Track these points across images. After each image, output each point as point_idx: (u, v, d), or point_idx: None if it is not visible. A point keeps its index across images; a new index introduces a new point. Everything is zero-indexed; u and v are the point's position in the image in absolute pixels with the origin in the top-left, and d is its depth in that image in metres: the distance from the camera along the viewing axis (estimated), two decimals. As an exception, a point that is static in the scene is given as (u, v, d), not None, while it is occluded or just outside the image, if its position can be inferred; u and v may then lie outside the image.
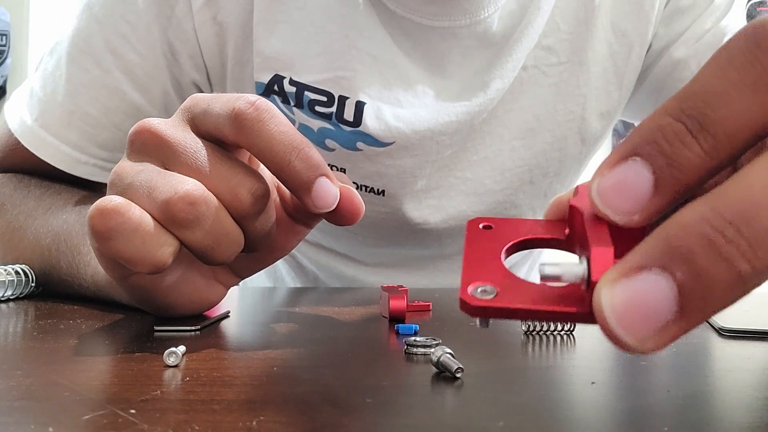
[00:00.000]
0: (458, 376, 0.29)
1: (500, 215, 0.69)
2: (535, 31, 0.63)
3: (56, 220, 0.54)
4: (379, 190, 0.64)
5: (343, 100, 0.60)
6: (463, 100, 0.63)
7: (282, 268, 0.82)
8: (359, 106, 0.60)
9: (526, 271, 0.84)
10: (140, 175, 0.35)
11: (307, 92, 0.61)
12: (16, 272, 0.51)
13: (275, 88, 0.61)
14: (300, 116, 0.62)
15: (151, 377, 0.29)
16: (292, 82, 0.61)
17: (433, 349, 0.30)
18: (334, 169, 0.63)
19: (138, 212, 0.34)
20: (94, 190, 0.64)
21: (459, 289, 0.21)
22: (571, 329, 0.39)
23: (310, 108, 0.61)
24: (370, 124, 0.61)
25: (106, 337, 0.38)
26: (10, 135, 0.63)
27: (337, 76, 0.60)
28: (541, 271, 0.21)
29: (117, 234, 0.34)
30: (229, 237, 0.36)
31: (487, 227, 0.24)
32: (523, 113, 0.66)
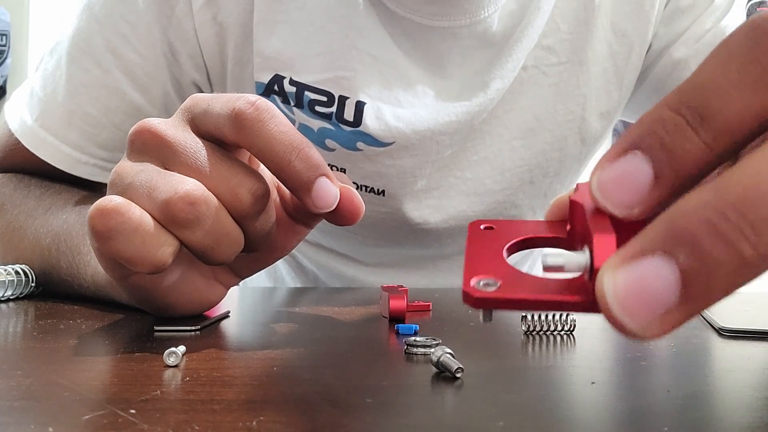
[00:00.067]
0: (458, 376, 0.29)
1: (500, 215, 0.69)
2: (535, 31, 0.63)
3: (56, 220, 0.54)
4: (379, 190, 0.64)
5: (343, 100, 0.60)
6: (463, 100, 0.63)
7: (282, 268, 0.82)
8: (359, 106, 0.60)
9: (526, 271, 0.84)
10: (140, 175, 0.35)
11: (307, 92, 0.61)
12: (16, 272, 0.51)
13: (275, 88, 0.61)
14: (300, 116, 0.62)
15: (151, 377, 0.29)
16: (292, 82, 0.61)
17: (433, 349, 0.30)
18: (334, 169, 0.63)
19: (138, 212, 0.34)
20: (94, 190, 0.64)
21: (461, 286, 0.21)
22: (571, 329, 0.39)
23: (310, 108, 0.61)
24: (370, 124, 0.61)
25: (106, 337, 0.38)
26: (11, 135, 0.63)
27: (337, 76, 0.60)
28: (543, 261, 0.21)
29: (117, 234, 0.34)
30: (229, 237, 0.36)
31: (488, 228, 0.24)
32: (523, 113, 0.66)
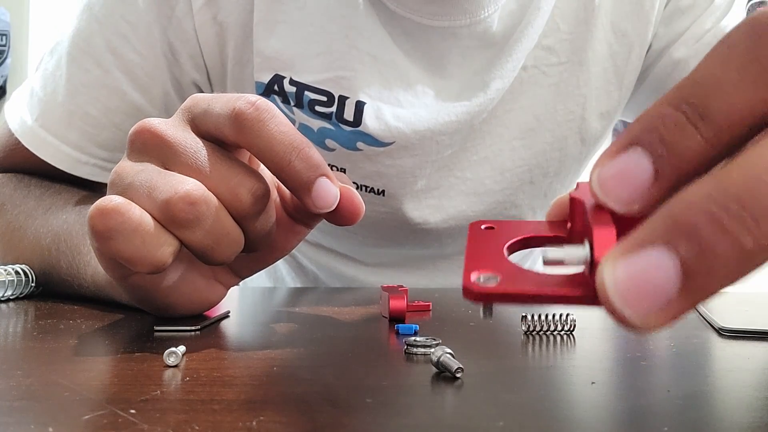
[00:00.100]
0: (458, 376, 0.29)
1: (500, 215, 0.69)
2: (535, 31, 0.63)
3: (56, 220, 0.54)
4: (379, 190, 0.64)
5: (343, 99, 0.60)
6: (463, 100, 0.63)
7: (282, 268, 0.82)
8: (359, 106, 0.60)
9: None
10: (140, 174, 0.35)
11: (307, 92, 0.61)
12: (16, 272, 0.51)
13: (275, 88, 0.61)
14: (300, 116, 0.62)
15: (151, 377, 0.29)
16: (292, 82, 0.61)
17: (433, 349, 0.30)
18: (334, 169, 0.63)
19: (138, 212, 0.34)
20: (94, 190, 0.64)
21: (461, 285, 0.21)
22: (571, 329, 0.39)
23: (310, 108, 0.61)
24: (370, 124, 0.61)
25: (106, 337, 0.38)
26: (11, 135, 0.63)
27: (337, 76, 0.60)
28: (543, 256, 0.21)
29: (117, 234, 0.34)
30: (229, 237, 0.36)
31: (489, 228, 0.24)
32: (523, 113, 0.66)
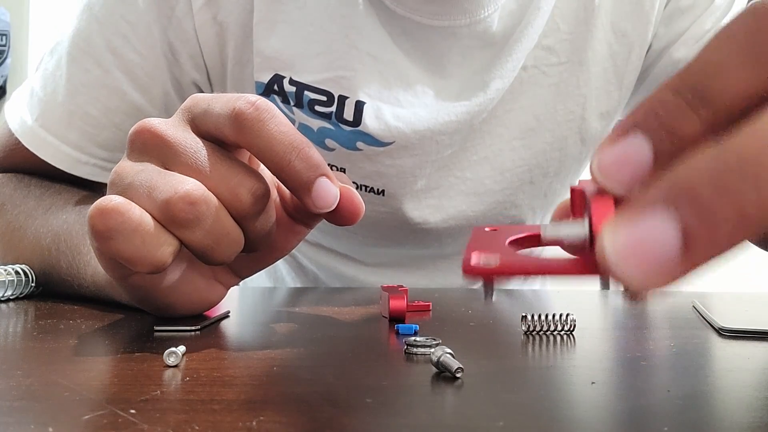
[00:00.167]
0: (458, 376, 0.29)
1: (500, 215, 0.69)
2: (535, 31, 0.63)
3: (56, 220, 0.54)
4: (379, 189, 0.64)
5: (342, 99, 0.60)
6: (462, 99, 0.63)
7: (282, 268, 0.82)
8: (359, 106, 0.60)
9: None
10: (140, 174, 0.35)
11: (306, 92, 0.61)
12: (16, 272, 0.51)
13: (275, 87, 0.61)
14: (300, 116, 0.62)
15: (151, 377, 0.29)
16: (292, 82, 0.61)
17: (433, 349, 0.30)
18: (334, 169, 0.63)
19: (138, 212, 0.34)
20: (94, 190, 0.64)
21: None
22: (571, 329, 0.39)
23: (310, 108, 0.61)
24: (370, 123, 0.61)
25: (106, 337, 0.38)
26: (11, 135, 0.63)
27: (336, 75, 0.60)
28: (542, 233, 0.21)
29: (117, 234, 0.34)
30: (229, 237, 0.36)
31: (492, 230, 0.25)
32: (523, 113, 0.66)
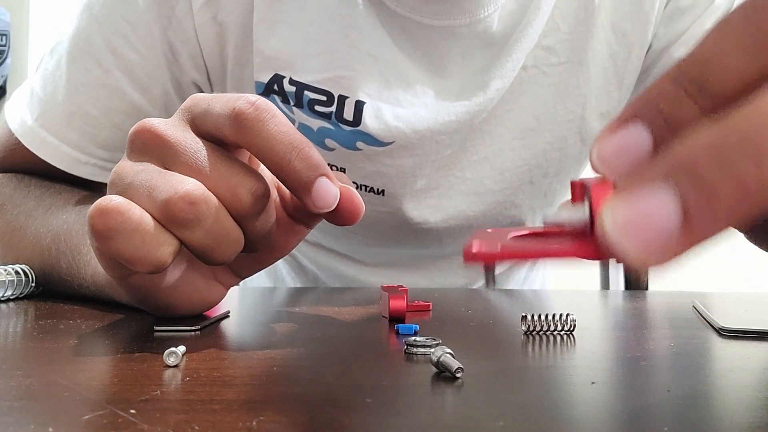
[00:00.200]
0: (458, 376, 0.29)
1: (500, 215, 0.69)
2: (535, 31, 0.63)
3: (56, 220, 0.54)
4: (378, 189, 0.64)
5: (342, 99, 0.60)
6: (462, 99, 0.63)
7: (282, 268, 0.82)
8: (359, 106, 0.60)
9: (525, 272, 0.84)
10: (140, 174, 0.35)
11: (306, 92, 0.61)
12: (16, 272, 0.51)
13: (275, 87, 0.61)
14: (300, 116, 0.62)
15: (151, 377, 0.28)
16: (291, 82, 0.61)
17: (433, 349, 0.30)
18: (334, 168, 0.63)
19: (138, 212, 0.34)
20: (95, 190, 0.64)
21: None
22: (571, 329, 0.39)
23: (310, 107, 0.61)
24: (370, 123, 0.61)
25: (106, 337, 0.38)
26: (11, 135, 0.63)
27: (336, 75, 0.60)
28: (543, 218, 0.21)
29: (117, 233, 0.34)
30: (229, 237, 0.36)
31: (494, 230, 0.25)
32: (523, 113, 0.66)
